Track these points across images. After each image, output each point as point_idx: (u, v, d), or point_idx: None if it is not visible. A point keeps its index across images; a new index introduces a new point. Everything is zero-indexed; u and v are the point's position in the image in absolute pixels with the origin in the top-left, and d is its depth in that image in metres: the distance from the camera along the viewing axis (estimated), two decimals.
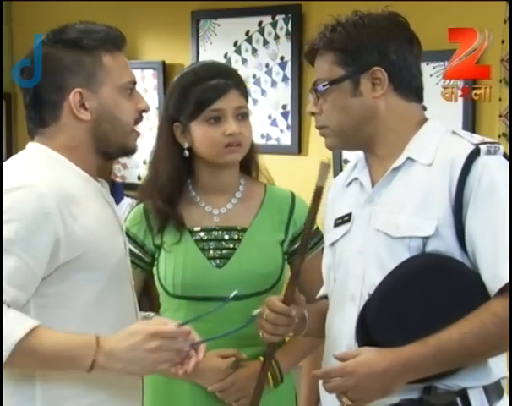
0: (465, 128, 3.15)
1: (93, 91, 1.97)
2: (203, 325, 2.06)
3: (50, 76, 1.97)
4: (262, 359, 2.24)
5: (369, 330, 1.90)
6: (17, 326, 1.84)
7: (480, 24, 2.98)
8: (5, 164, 2.00)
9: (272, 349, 2.15)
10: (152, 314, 2.24)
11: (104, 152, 2.03)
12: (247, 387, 2.26)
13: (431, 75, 2.88)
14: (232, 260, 2.37)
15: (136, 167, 4.26)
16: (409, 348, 1.85)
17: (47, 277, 1.92)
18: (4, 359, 1.82)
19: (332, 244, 2.08)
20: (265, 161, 2.51)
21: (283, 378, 2.38)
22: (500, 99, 3.14)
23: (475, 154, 1.89)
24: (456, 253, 1.89)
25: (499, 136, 3.14)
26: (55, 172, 1.95)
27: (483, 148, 1.89)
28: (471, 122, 3.25)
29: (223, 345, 2.30)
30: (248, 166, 2.46)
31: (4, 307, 1.84)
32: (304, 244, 2.04)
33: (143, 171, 4.11)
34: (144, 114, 2.07)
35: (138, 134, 2.06)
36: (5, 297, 1.85)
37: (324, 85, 2.00)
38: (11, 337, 1.82)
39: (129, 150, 2.07)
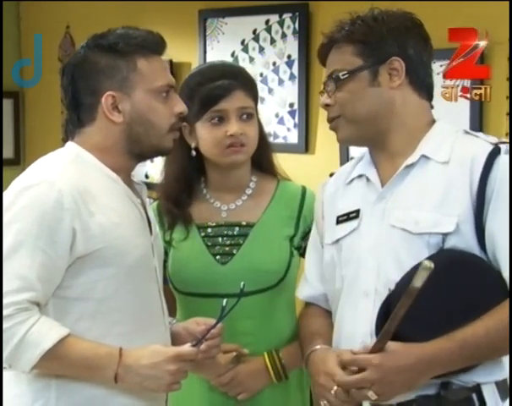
0: (472, 126, 3.14)
1: (126, 94, 2.02)
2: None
3: (86, 79, 2.03)
4: (265, 355, 2.29)
5: None
6: (48, 333, 1.90)
7: (492, 22, 2.99)
8: (36, 161, 2.05)
9: None
10: (174, 320, 2.29)
11: (137, 154, 2.08)
12: (246, 383, 2.29)
13: (438, 73, 2.87)
14: (236, 256, 2.38)
15: (143, 165, 4.25)
16: (435, 343, 1.85)
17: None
18: (32, 364, 1.89)
19: (337, 241, 2.08)
20: None
21: (287, 375, 2.38)
22: (507, 97, 3.13)
23: (496, 152, 1.92)
24: (475, 250, 1.91)
25: (507, 134, 3.13)
26: (78, 169, 2.00)
27: (503, 147, 1.92)
28: (479, 120, 3.24)
29: (226, 340, 2.30)
30: (261, 163, 2.47)
31: (35, 311, 1.90)
32: (387, 333, 1.87)
33: (150, 169, 4.11)
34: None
35: (175, 135, 2.10)
36: (35, 294, 1.90)
37: (343, 75, 2.01)
38: (41, 345, 1.88)
39: (163, 152, 2.13)
